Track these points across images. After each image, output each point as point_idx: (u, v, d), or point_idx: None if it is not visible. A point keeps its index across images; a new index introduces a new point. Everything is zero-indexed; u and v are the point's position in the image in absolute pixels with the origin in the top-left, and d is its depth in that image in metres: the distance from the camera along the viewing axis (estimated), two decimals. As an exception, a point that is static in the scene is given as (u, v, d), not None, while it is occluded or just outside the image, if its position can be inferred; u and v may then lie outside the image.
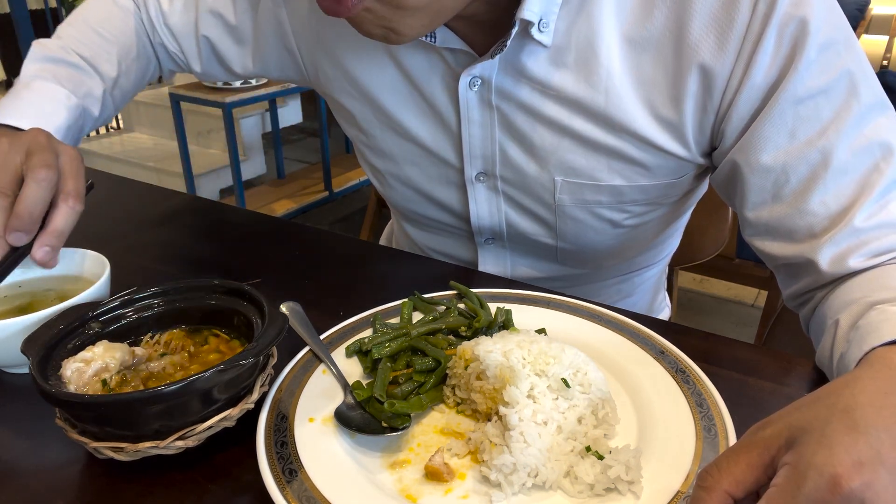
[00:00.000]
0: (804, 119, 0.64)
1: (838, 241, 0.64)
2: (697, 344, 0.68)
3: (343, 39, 0.82)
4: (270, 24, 0.88)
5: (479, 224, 0.87)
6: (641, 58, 0.68)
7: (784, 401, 0.60)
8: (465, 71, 0.74)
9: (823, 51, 0.62)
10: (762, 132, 0.65)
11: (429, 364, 0.62)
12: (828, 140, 0.63)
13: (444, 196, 0.87)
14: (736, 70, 0.65)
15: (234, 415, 0.54)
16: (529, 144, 0.77)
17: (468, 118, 0.77)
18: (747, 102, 0.66)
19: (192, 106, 3.31)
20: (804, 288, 0.69)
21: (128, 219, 1.03)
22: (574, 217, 0.81)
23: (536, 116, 0.74)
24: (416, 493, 0.50)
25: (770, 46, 0.63)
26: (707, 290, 2.73)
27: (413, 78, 0.79)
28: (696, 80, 0.67)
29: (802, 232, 0.66)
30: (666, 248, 1.00)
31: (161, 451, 0.52)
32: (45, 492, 0.52)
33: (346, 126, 0.92)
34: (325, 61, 0.85)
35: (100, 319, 0.61)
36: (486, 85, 0.74)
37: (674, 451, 0.52)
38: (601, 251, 0.87)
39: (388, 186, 0.92)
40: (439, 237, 0.97)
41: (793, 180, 0.65)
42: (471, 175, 0.82)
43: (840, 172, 0.63)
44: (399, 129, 0.83)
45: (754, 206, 0.69)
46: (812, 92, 0.63)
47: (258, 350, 0.53)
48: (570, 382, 0.55)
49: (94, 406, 0.50)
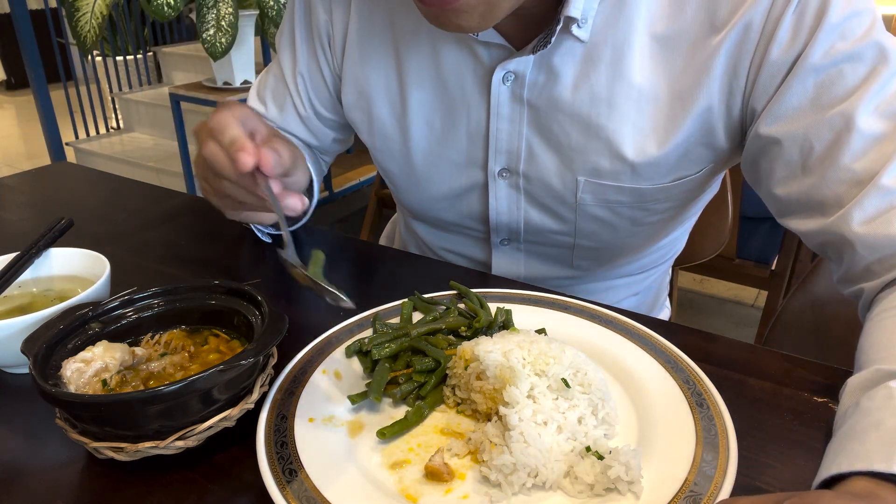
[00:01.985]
0: (826, 85, 0.63)
1: (864, 204, 0.61)
2: (697, 344, 0.68)
3: (371, 35, 0.82)
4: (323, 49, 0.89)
5: (498, 221, 0.87)
6: (671, 52, 0.69)
7: (784, 401, 0.60)
8: (500, 65, 0.74)
9: (847, 19, 0.62)
10: (783, 102, 0.65)
11: (429, 364, 0.62)
12: (851, 104, 0.61)
13: (463, 194, 0.87)
14: (759, 47, 0.65)
15: (234, 415, 0.54)
16: (557, 142, 0.77)
17: (497, 112, 0.77)
18: (769, 76, 0.65)
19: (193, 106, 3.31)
20: (849, 272, 0.65)
21: (128, 219, 1.03)
22: (595, 216, 0.81)
23: (567, 114, 0.74)
24: (416, 493, 0.50)
25: (790, 21, 0.63)
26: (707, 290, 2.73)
27: (443, 74, 0.79)
28: (724, 61, 0.67)
29: (831, 202, 0.64)
30: (673, 248, 1.00)
31: (161, 451, 0.52)
32: (45, 492, 0.52)
33: (362, 131, 0.91)
34: (351, 62, 0.86)
35: (100, 319, 0.61)
36: (519, 80, 0.74)
37: (674, 451, 0.52)
38: (617, 249, 0.88)
39: (403, 189, 0.92)
40: (453, 237, 0.96)
41: (817, 147, 0.64)
42: (494, 170, 0.82)
43: (864, 135, 0.61)
44: (423, 127, 0.83)
45: (783, 181, 0.68)
46: (835, 59, 0.62)
47: (258, 350, 0.53)
48: (570, 382, 0.55)
49: (94, 406, 0.50)
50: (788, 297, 1.03)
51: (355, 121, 0.90)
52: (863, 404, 0.49)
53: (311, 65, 0.90)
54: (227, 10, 2.63)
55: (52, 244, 0.75)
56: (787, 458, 0.53)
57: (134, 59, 4.37)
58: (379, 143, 0.89)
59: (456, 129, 0.81)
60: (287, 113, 0.95)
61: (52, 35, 3.62)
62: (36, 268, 0.73)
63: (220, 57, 2.70)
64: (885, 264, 0.61)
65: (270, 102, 0.96)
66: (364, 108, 0.87)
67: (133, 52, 4.32)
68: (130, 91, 4.23)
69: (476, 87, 0.78)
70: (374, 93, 0.85)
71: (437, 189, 0.88)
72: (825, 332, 0.96)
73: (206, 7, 2.61)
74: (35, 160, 4.55)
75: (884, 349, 0.55)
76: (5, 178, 1.21)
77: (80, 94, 3.90)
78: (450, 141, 0.83)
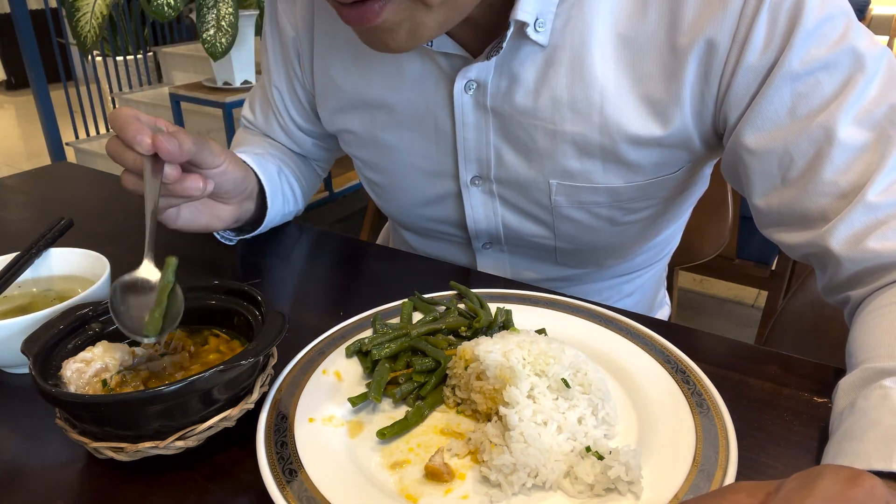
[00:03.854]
0: (803, 95, 0.61)
1: (850, 220, 0.59)
2: (697, 344, 0.68)
3: (336, 50, 0.83)
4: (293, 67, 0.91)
5: (476, 228, 0.87)
6: (636, 54, 0.68)
7: (784, 401, 0.60)
8: (459, 74, 0.73)
9: (821, 25, 0.60)
10: (760, 112, 0.63)
11: (429, 364, 0.62)
12: (830, 115, 0.60)
13: (438, 202, 0.87)
14: (731, 53, 0.63)
15: (233, 415, 0.54)
16: (524, 148, 0.76)
17: (462, 122, 0.77)
18: (744, 84, 0.64)
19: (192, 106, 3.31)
20: (833, 281, 0.65)
21: (128, 219, 1.03)
22: (571, 217, 0.81)
23: (531, 119, 0.74)
24: (416, 493, 0.50)
25: (763, 25, 0.61)
26: (707, 290, 2.73)
27: (408, 85, 0.79)
28: (693, 67, 0.66)
29: (815, 216, 0.63)
30: (666, 247, 1.00)
31: (161, 452, 0.52)
32: (45, 492, 0.52)
33: (342, 141, 0.93)
34: (320, 77, 0.87)
35: (100, 319, 0.61)
36: (481, 88, 0.74)
37: (674, 451, 0.52)
38: (601, 249, 0.87)
39: (383, 198, 0.93)
40: (437, 243, 0.97)
41: (798, 160, 0.62)
42: (465, 179, 0.82)
43: (845, 146, 0.60)
44: (393, 139, 0.84)
45: (763, 193, 0.67)
46: (811, 67, 0.61)
47: (258, 350, 0.53)
48: (570, 383, 0.55)
49: (94, 406, 0.50)
50: (788, 297, 1.03)
51: (335, 133, 0.91)
52: (858, 404, 0.49)
53: (285, 80, 0.93)
54: (227, 10, 2.63)
55: (52, 244, 0.75)
56: (787, 458, 0.53)
57: (134, 59, 4.37)
58: (356, 153, 0.91)
59: (424, 140, 0.82)
60: (271, 122, 0.98)
61: (52, 35, 3.62)
62: (36, 268, 0.73)
63: (220, 57, 2.70)
64: (872, 276, 0.61)
65: (258, 111, 1.00)
66: (338, 121, 0.88)
67: (133, 52, 4.32)
68: (130, 91, 4.23)
69: (440, 97, 0.78)
70: (343, 106, 0.86)
71: (413, 197, 0.88)
72: (825, 332, 0.96)
73: (206, 7, 2.61)
74: (35, 160, 4.55)
75: (871, 348, 0.55)
76: (5, 178, 1.21)
77: (80, 94, 3.90)
78: (419, 151, 0.83)
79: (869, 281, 0.61)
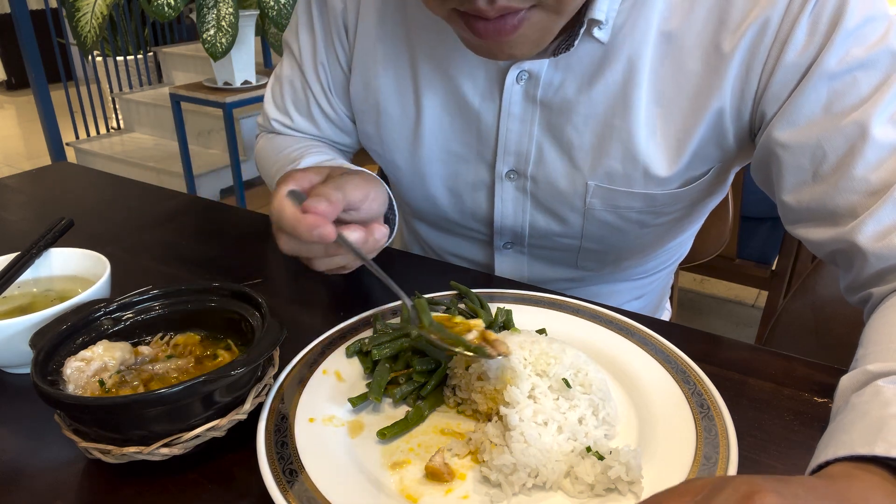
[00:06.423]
0: (840, 93, 0.62)
1: (880, 216, 0.60)
2: (697, 344, 0.68)
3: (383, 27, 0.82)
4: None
5: (502, 224, 0.86)
6: (679, 52, 0.68)
7: (784, 401, 0.60)
8: (515, 64, 0.73)
9: (863, 25, 0.61)
10: (796, 107, 0.64)
11: (429, 364, 0.62)
12: (865, 112, 0.61)
13: (468, 195, 0.86)
14: (773, 50, 0.64)
15: (222, 425, 0.53)
16: (568, 145, 0.76)
17: (508, 112, 0.77)
18: (783, 81, 0.65)
19: (193, 106, 3.31)
20: (858, 279, 0.64)
21: (128, 219, 1.03)
22: (603, 220, 0.81)
23: (581, 115, 0.74)
24: (416, 493, 0.50)
25: (805, 24, 0.62)
26: (707, 290, 2.73)
27: (456, 70, 0.78)
28: (737, 65, 0.66)
29: (844, 212, 0.63)
30: (679, 250, 1.00)
31: (146, 458, 0.51)
32: (45, 492, 0.52)
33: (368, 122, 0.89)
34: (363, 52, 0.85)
35: (111, 316, 0.60)
36: (533, 79, 0.74)
37: (674, 451, 0.52)
38: (624, 250, 0.87)
39: (405, 185, 0.91)
40: (456, 240, 0.96)
41: (830, 156, 0.63)
42: (501, 171, 0.81)
43: (879, 144, 0.60)
44: (433, 121, 0.82)
45: (794, 188, 0.67)
46: (850, 65, 0.61)
47: (247, 361, 0.52)
48: (571, 383, 0.55)
49: (79, 407, 0.50)
50: (789, 297, 1.03)
51: (361, 111, 0.89)
52: (852, 401, 0.50)
53: (329, 55, 0.89)
54: (227, 10, 2.63)
55: (52, 244, 0.75)
56: (787, 458, 0.53)
57: (134, 59, 4.38)
58: (386, 135, 0.87)
59: (466, 126, 0.81)
60: (316, 118, 0.93)
61: (52, 35, 3.63)
62: (36, 268, 0.73)
63: (221, 57, 2.71)
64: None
65: (294, 112, 0.94)
66: (372, 99, 0.86)
67: (133, 52, 4.33)
68: (131, 91, 4.23)
69: (488, 86, 0.77)
70: (383, 84, 0.84)
71: (443, 185, 0.87)
72: (825, 332, 0.96)
73: (206, 7, 2.61)
74: (35, 160, 4.55)
75: (874, 344, 0.55)
76: (5, 178, 1.21)
77: (80, 94, 3.91)
78: (459, 137, 0.82)
79: (893, 278, 0.62)
